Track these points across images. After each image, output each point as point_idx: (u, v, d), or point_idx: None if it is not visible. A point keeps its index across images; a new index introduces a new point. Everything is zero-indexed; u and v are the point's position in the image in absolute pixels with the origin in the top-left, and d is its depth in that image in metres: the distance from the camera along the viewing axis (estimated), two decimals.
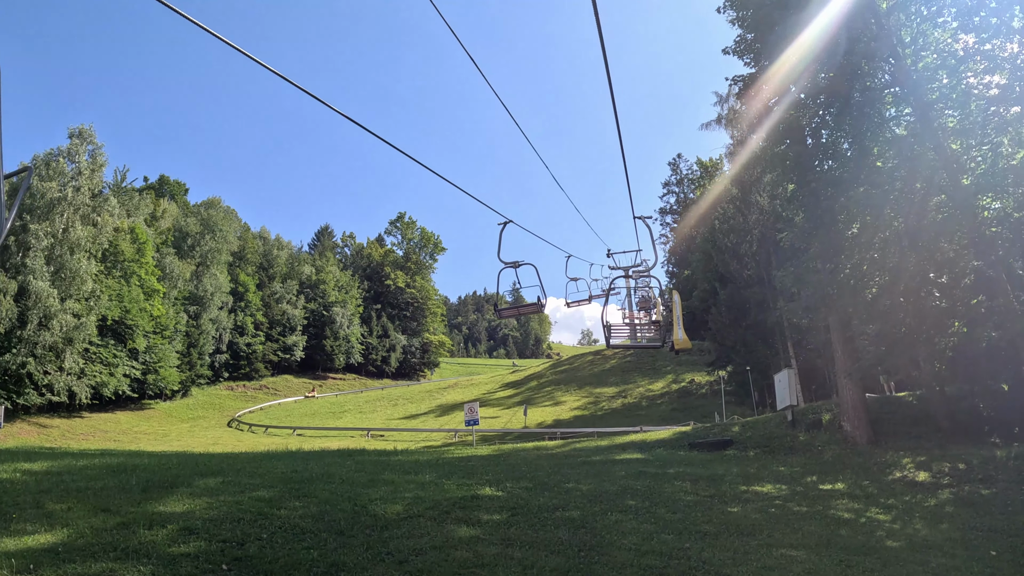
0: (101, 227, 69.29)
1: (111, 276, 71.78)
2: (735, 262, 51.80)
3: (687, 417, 48.74)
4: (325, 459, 17.82)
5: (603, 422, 50.90)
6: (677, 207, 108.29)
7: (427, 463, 17.09)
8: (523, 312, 14.41)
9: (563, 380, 71.50)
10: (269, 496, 11.19)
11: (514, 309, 14.52)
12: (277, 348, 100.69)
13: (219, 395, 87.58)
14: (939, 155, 17.47)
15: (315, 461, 17.01)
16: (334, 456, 19.73)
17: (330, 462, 16.58)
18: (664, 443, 21.97)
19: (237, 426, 64.94)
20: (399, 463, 16.88)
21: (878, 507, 14.10)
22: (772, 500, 13.49)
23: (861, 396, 22.29)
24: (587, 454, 20.11)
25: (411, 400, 75.32)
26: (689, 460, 18.67)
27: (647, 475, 15.12)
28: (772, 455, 20.13)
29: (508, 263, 14.03)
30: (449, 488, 12.03)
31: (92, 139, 71.89)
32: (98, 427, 64.35)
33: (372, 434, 54.05)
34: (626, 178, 13.67)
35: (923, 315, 19.06)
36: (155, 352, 74.15)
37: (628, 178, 11.94)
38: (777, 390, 23.95)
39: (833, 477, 17.03)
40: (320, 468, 14.78)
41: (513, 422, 53.74)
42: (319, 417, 69.85)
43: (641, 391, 60.51)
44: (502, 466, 16.28)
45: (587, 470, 15.90)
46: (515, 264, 14.00)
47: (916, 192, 17.67)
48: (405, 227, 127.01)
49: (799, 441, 21.46)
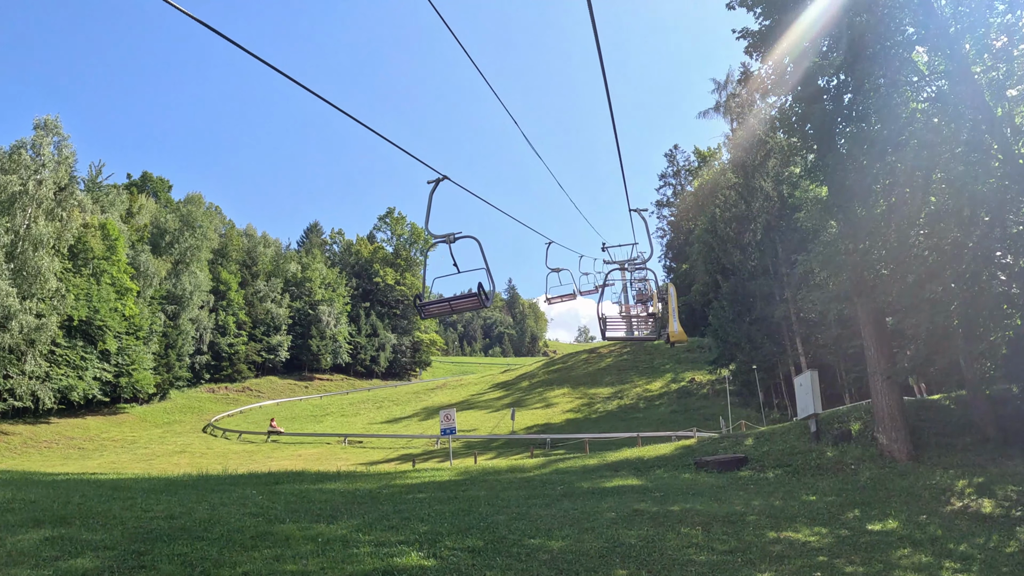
0: (67, 222, 65.59)
1: (79, 274, 68.03)
2: (738, 252, 48.26)
3: (688, 420, 45.16)
4: (235, 491, 14.14)
5: (597, 426, 47.32)
6: (674, 199, 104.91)
7: (360, 498, 13.46)
8: (457, 308, 10.72)
9: (556, 380, 67.84)
10: (88, 568, 7.61)
11: (444, 304, 10.82)
12: (261, 348, 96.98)
13: (199, 398, 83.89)
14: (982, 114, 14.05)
15: (218, 495, 13.36)
16: (253, 485, 16.01)
17: (234, 498, 12.94)
18: (665, 462, 18.34)
19: (211, 431, 61.22)
20: (323, 500, 13.20)
21: (952, 560, 10.51)
22: (814, 555, 9.89)
23: (899, 402, 18.70)
24: (571, 479, 16.50)
25: (397, 402, 71.68)
26: (697, 487, 15.06)
27: (644, 517, 11.49)
28: (797, 477, 16.51)
29: (440, 236, 10.39)
30: (359, 553, 8.40)
31: (58, 130, 68.34)
32: (64, 434, 60.70)
33: (349, 440, 50.40)
34: (621, 170, 10.73)
35: (979, 304, 15.44)
36: (128, 354, 70.40)
37: (623, 169, 10.58)
38: (798, 396, 20.38)
39: (880, 510, 13.42)
40: (206, 511, 11.16)
41: (501, 427, 50.13)
42: (299, 421, 66.22)
43: (638, 391, 56.89)
44: (455, 505, 12.63)
45: (566, 509, 12.25)
46: (449, 238, 10.34)
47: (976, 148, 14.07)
48: (395, 222, 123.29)
49: (827, 458, 17.85)
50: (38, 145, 65.60)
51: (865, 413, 20.35)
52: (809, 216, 23.85)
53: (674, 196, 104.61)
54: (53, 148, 67.50)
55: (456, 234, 10.45)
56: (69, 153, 68.78)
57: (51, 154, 66.53)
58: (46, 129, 67.42)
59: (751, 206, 48.33)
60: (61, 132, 68.53)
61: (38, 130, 66.51)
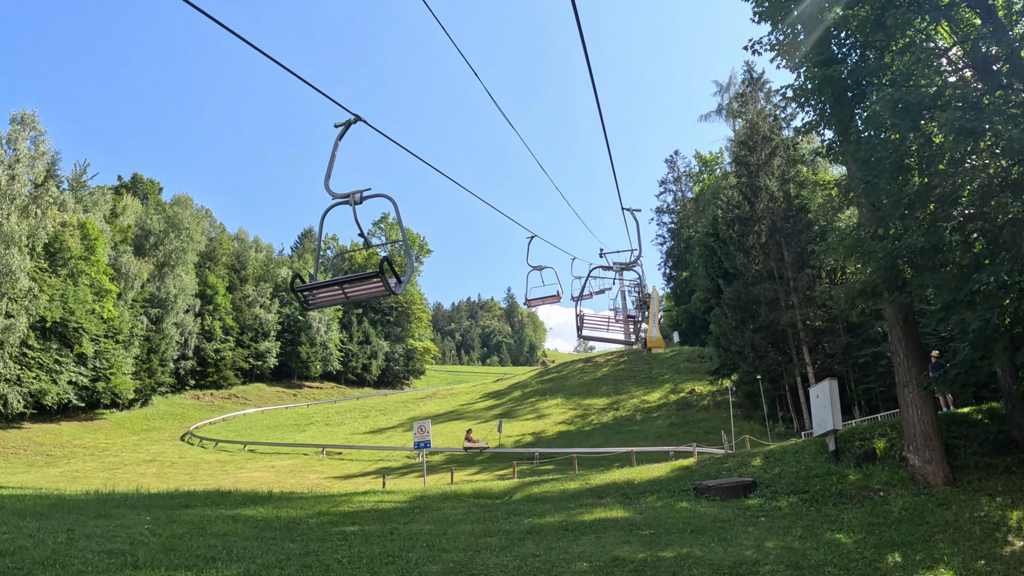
0: (41, 220, 63.00)
1: (55, 275, 65.31)
2: (741, 255, 45.48)
3: (687, 434, 42.28)
4: (125, 517, 11.31)
5: (590, 439, 44.43)
6: (675, 206, 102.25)
7: (271, 531, 10.67)
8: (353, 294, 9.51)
9: (549, 390, 64.87)
10: None
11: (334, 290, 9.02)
12: (248, 355, 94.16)
13: (182, 404, 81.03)
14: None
15: (100, 520, 10.62)
16: (159, 507, 13.16)
17: (112, 527, 10.17)
18: (659, 486, 15.50)
19: (189, 440, 58.42)
20: (222, 533, 10.40)
21: None
22: None
23: (934, 417, 15.93)
24: (543, 508, 13.69)
25: (383, 412, 68.79)
26: (696, 521, 12.26)
27: (626, 569, 8.71)
28: (816, 507, 13.70)
29: (340, 196, 8.59)
30: None
31: (35, 125, 65.79)
32: (34, 439, 57.93)
33: (328, 452, 47.55)
34: (612, 170, 10.26)
35: None
36: (106, 357, 67.58)
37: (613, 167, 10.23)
38: (813, 409, 17.64)
39: (926, 554, 10.65)
40: (55, 546, 8.52)
41: (489, 439, 47.21)
42: (280, 430, 63.35)
43: (635, 402, 53.95)
44: (384, 546, 9.83)
45: (525, 555, 9.45)
46: (353, 198, 8.56)
47: None
48: (388, 228, 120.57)
49: (849, 483, 15.04)
50: (13, 140, 63.04)
51: (890, 429, 17.56)
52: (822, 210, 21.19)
53: (674, 203, 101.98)
54: (29, 143, 64.96)
55: (363, 191, 8.03)
56: (46, 149, 66.44)
57: (27, 149, 63.95)
58: (23, 124, 64.92)
59: (755, 207, 45.61)
60: (38, 127, 66.04)
61: (14, 124, 64.03)
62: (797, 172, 45.17)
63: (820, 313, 41.74)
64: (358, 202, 8.29)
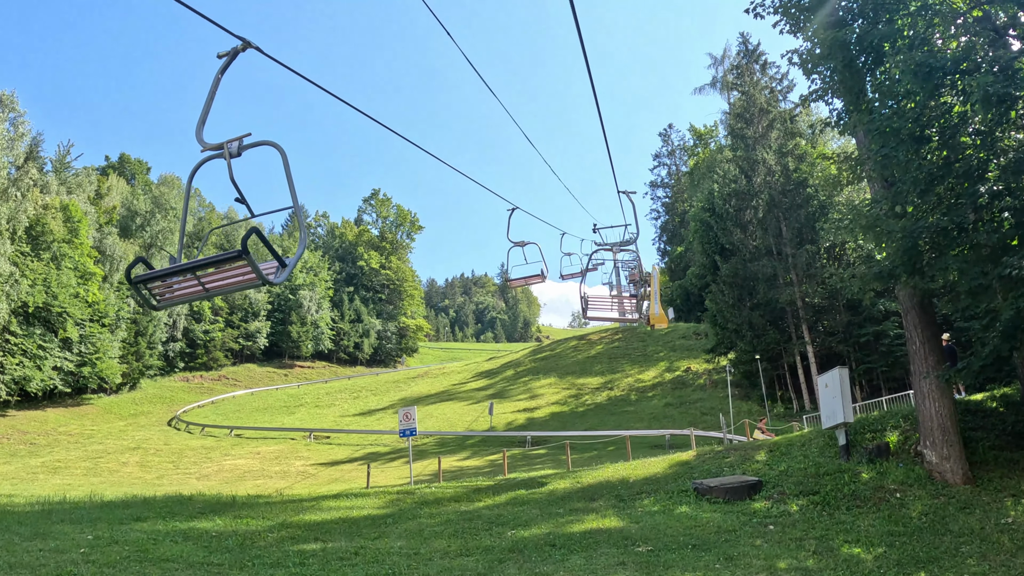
0: (21, 203, 61.30)
1: (38, 259, 63.71)
2: (738, 231, 44.21)
3: (683, 415, 41.28)
4: (58, 537, 10.09)
5: (584, 421, 43.40)
6: (669, 180, 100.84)
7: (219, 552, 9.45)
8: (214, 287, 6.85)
9: (543, 368, 63.75)
10: None
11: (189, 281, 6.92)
12: (239, 335, 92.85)
13: (171, 387, 79.79)
14: None
15: (25, 546, 9.36)
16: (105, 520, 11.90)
17: (30, 553, 8.94)
18: (656, 486, 14.36)
19: (176, 424, 57.30)
20: (164, 556, 9.19)
21: None
22: None
23: (952, 410, 14.80)
24: (529, 517, 12.54)
25: (375, 392, 67.71)
26: (698, 531, 11.12)
27: None
28: (828, 512, 12.57)
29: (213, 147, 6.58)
30: None
31: (14, 107, 63.82)
32: (18, 427, 56.62)
33: (316, 436, 46.45)
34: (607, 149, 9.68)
35: None
36: (92, 342, 66.21)
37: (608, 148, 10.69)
38: (821, 399, 16.51)
39: (955, 571, 9.51)
40: None
41: (480, 421, 46.20)
42: (269, 413, 62.25)
43: (630, 381, 52.89)
44: (347, 572, 8.63)
45: None
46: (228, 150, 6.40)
47: None
48: (379, 204, 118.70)
49: (862, 482, 13.92)
50: None
51: (903, 420, 16.44)
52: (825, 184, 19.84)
53: (668, 176, 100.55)
54: (8, 125, 63.11)
55: (241, 138, 6.33)
56: (26, 131, 64.59)
57: (6, 131, 62.11)
58: (1, 105, 62.95)
59: (752, 181, 44.25)
60: (17, 108, 64.10)
61: None
62: (796, 145, 43.77)
63: (820, 290, 40.55)
64: (235, 154, 6.47)
